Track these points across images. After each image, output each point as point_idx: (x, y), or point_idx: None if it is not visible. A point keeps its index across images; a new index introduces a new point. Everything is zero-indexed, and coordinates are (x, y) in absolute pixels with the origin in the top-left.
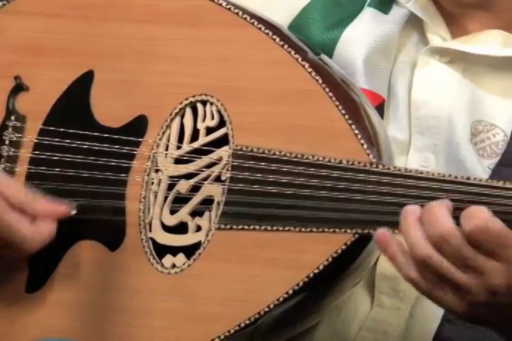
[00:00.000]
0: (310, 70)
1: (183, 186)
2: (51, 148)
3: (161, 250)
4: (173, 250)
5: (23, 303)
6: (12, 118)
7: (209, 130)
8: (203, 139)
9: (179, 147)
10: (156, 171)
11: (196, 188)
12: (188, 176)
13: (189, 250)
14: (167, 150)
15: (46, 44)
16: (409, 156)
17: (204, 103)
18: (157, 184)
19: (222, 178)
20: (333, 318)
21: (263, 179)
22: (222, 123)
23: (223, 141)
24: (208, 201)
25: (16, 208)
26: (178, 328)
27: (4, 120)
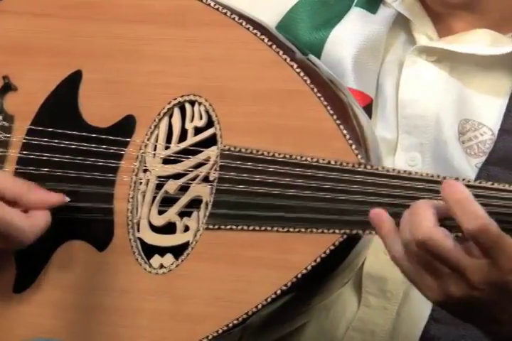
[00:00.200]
0: (298, 70)
1: (172, 186)
2: (39, 148)
3: (149, 250)
4: (161, 250)
5: (11, 303)
6: (0, 118)
7: (197, 130)
8: (191, 139)
9: (167, 147)
10: (144, 171)
11: (184, 188)
12: (177, 176)
13: (177, 250)
14: (155, 150)
15: (34, 44)
16: (396, 156)
17: (192, 103)
18: (145, 184)
19: (210, 178)
20: (321, 318)
21: (250, 179)
22: (210, 123)
23: (211, 141)
24: (196, 201)
25: (11, 201)
26: (164, 328)
27: None
